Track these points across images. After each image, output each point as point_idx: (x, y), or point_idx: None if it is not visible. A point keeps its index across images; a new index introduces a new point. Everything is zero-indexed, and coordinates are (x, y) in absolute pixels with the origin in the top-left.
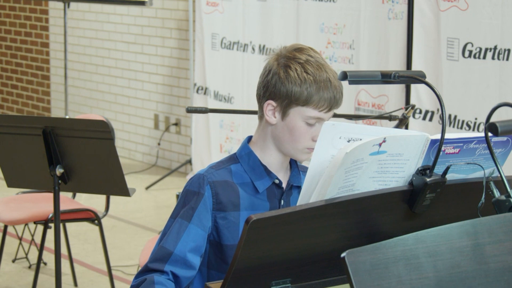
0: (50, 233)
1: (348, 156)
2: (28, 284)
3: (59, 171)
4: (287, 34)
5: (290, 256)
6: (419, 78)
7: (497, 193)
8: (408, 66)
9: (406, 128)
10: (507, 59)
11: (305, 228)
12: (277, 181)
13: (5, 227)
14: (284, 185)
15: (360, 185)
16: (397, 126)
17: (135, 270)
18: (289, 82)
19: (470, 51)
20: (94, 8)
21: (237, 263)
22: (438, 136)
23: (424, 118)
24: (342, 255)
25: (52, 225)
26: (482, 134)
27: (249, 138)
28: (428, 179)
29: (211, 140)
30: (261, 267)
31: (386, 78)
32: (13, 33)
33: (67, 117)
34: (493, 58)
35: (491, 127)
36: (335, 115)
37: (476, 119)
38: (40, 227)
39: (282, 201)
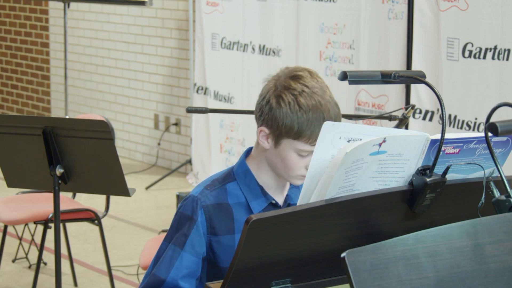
0: (50, 233)
1: (348, 156)
2: (28, 284)
3: (59, 171)
4: (287, 34)
5: (290, 256)
6: (419, 78)
7: (497, 193)
8: (408, 66)
9: (406, 128)
10: (507, 59)
11: (305, 228)
12: (273, 202)
13: (5, 227)
14: (281, 203)
15: (360, 185)
16: (397, 126)
17: (135, 270)
18: (281, 114)
19: (470, 51)
20: (94, 8)
21: (237, 263)
22: (438, 136)
23: (424, 118)
24: (342, 255)
25: (52, 225)
26: (482, 134)
27: (248, 152)
28: (428, 179)
29: (211, 140)
30: (261, 267)
31: (386, 78)
32: (13, 33)
33: (67, 117)
34: (493, 58)
35: (491, 127)
36: None
37: (476, 119)
38: (40, 227)
39: None
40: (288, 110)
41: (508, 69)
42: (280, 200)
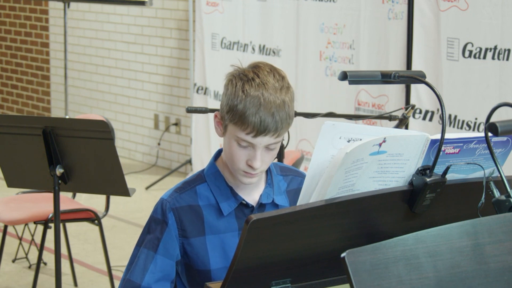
0: (50, 233)
1: (348, 156)
2: (28, 284)
3: (59, 171)
4: (287, 34)
5: (290, 256)
6: (419, 78)
7: (497, 193)
8: (408, 66)
9: (406, 128)
10: (507, 59)
11: (305, 228)
12: (244, 202)
13: (5, 227)
14: (254, 202)
15: (360, 185)
16: (397, 126)
17: None
18: (225, 96)
19: (470, 51)
20: (94, 8)
21: (237, 263)
22: (438, 136)
23: (424, 118)
24: (342, 255)
25: (52, 225)
26: (482, 134)
27: (218, 153)
28: (428, 179)
29: (211, 140)
30: (261, 267)
31: (386, 78)
32: (13, 33)
33: (67, 117)
34: (493, 58)
35: (491, 127)
36: (335, 115)
37: (476, 119)
38: (40, 227)
39: None
40: (232, 94)
41: (508, 69)
42: (251, 200)
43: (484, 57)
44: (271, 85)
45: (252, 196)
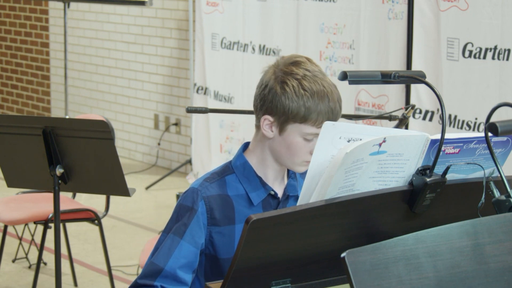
0: (50, 233)
1: (348, 156)
2: (28, 284)
3: (59, 171)
4: (287, 34)
5: (290, 256)
6: (419, 78)
7: (497, 193)
8: (408, 66)
9: (406, 128)
10: (507, 59)
11: (305, 228)
12: (272, 193)
13: (5, 227)
14: (280, 195)
15: (360, 185)
16: (397, 126)
17: (135, 270)
18: (286, 99)
19: (470, 51)
20: (94, 8)
21: (237, 263)
22: (438, 136)
23: (424, 118)
24: (342, 255)
25: (52, 225)
26: (482, 134)
27: (245, 146)
28: (428, 179)
29: (211, 140)
30: (261, 267)
31: (386, 78)
32: (13, 33)
33: (67, 117)
34: (493, 58)
35: (491, 127)
36: None
37: (476, 119)
38: (40, 227)
39: None
40: (294, 95)
41: (508, 69)
42: (279, 191)
43: (484, 57)
44: (320, 73)
45: (278, 187)
